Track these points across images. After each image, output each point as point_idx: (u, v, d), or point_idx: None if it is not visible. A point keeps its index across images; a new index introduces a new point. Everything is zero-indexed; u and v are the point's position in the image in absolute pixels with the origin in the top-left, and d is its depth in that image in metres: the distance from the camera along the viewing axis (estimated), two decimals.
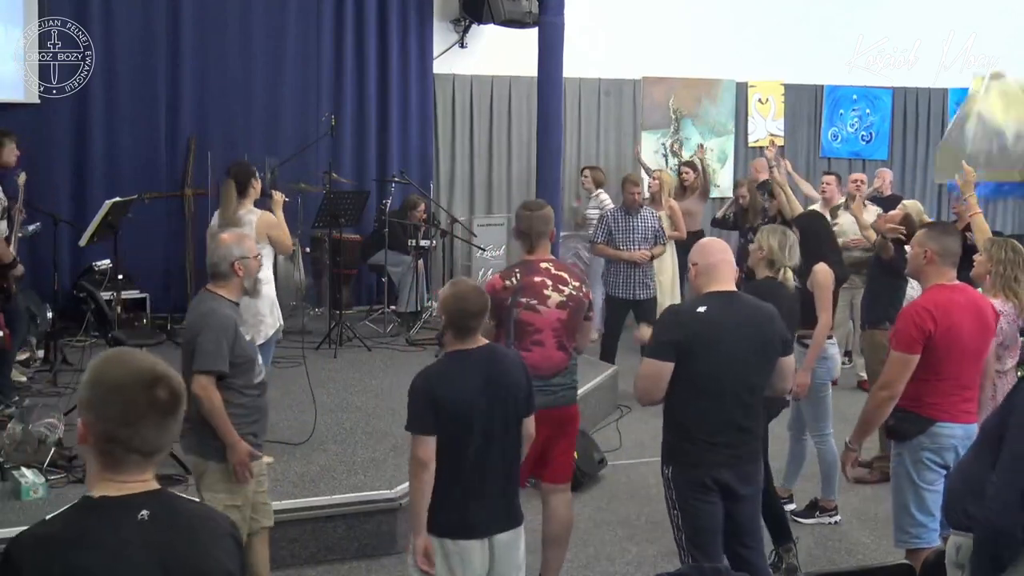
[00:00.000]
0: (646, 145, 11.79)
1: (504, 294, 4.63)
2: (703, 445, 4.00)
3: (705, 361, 3.94)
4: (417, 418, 3.71)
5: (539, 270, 4.73)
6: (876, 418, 4.48)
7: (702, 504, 4.03)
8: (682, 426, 4.05)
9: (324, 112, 9.82)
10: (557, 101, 6.59)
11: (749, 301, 4.18)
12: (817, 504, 6.07)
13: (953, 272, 4.52)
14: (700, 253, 4.17)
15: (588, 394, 7.72)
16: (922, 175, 13.01)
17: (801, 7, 11.97)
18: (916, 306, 4.44)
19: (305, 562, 5.30)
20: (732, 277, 4.14)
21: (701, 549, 4.05)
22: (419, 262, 9.65)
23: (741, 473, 4.07)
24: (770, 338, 4.07)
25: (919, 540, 4.43)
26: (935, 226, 4.83)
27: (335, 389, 7.52)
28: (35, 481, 5.31)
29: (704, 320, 3.96)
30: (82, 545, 2.00)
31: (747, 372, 4.01)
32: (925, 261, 4.49)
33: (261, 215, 5.98)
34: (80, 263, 9.06)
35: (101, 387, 2.06)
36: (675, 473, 4.07)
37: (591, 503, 6.32)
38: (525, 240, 4.84)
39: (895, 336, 4.43)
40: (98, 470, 2.08)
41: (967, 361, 4.42)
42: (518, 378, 3.85)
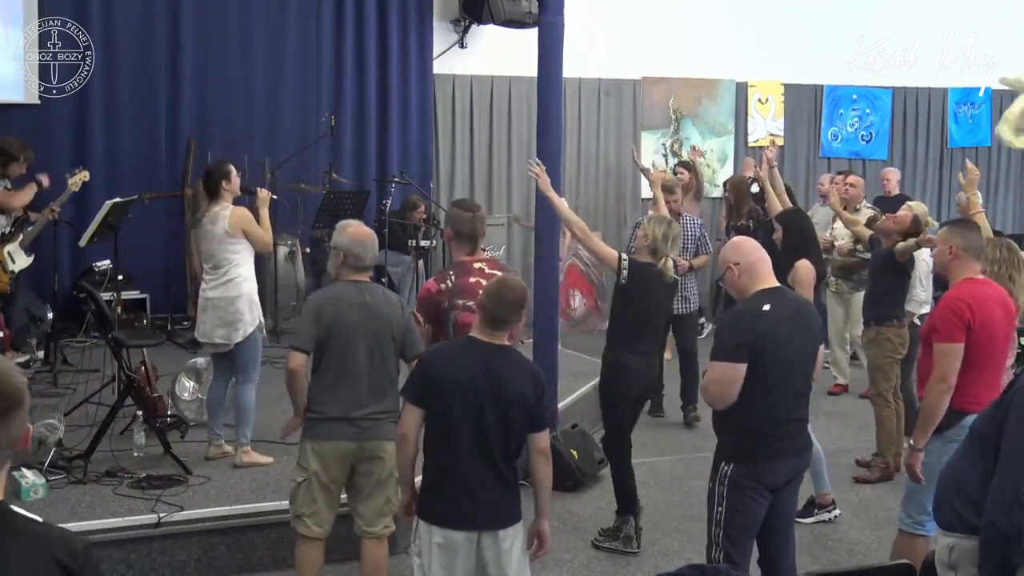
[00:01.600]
0: (646, 145, 11.79)
1: (440, 297, 4.66)
2: (769, 440, 4.03)
3: (774, 358, 3.99)
4: (407, 384, 3.89)
5: (473, 271, 4.72)
6: (938, 413, 4.44)
7: (752, 503, 4.06)
8: (748, 424, 4.03)
9: (324, 112, 9.83)
10: (557, 101, 6.56)
11: (793, 295, 4.35)
12: (814, 502, 6.07)
13: (979, 266, 4.62)
14: (738, 253, 4.19)
15: (588, 394, 7.72)
16: (922, 174, 13.01)
17: (801, 7, 11.97)
18: (952, 298, 4.49)
19: None
20: (772, 273, 4.20)
21: (737, 545, 4.07)
22: (419, 262, 9.65)
23: (795, 464, 4.16)
24: (815, 330, 4.22)
25: (921, 528, 4.56)
26: (958, 222, 4.93)
27: None
28: (35, 482, 5.32)
29: (770, 317, 4.01)
30: None
31: (804, 364, 4.13)
32: (951, 257, 4.57)
33: (234, 210, 5.90)
34: (80, 263, 9.05)
35: None
36: (736, 471, 4.05)
37: (591, 503, 6.32)
38: (468, 242, 4.79)
39: (936, 330, 4.47)
40: None
41: (998, 353, 4.51)
42: (524, 386, 3.80)
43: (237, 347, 5.86)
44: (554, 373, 6.56)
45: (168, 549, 5.00)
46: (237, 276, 5.87)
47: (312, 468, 4.41)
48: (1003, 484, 2.97)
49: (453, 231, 4.86)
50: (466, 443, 3.73)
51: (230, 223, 5.82)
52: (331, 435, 4.39)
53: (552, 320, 6.69)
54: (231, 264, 5.86)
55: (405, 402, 3.85)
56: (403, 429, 3.85)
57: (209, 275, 5.95)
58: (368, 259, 4.50)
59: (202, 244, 6.03)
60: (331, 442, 4.39)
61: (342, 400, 4.38)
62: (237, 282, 5.86)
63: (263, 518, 5.26)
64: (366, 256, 4.48)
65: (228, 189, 5.98)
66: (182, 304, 9.62)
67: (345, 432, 4.39)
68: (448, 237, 4.94)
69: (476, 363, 3.75)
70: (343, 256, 4.44)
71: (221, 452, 5.95)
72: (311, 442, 4.43)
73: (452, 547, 3.75)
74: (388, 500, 4.50)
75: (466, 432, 3.73)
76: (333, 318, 4.36)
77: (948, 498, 3.23)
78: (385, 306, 4.47)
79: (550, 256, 6.71)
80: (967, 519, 3.11)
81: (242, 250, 5.90)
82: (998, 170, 13.34)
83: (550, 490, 3.94)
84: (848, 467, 6.95)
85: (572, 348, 9.17)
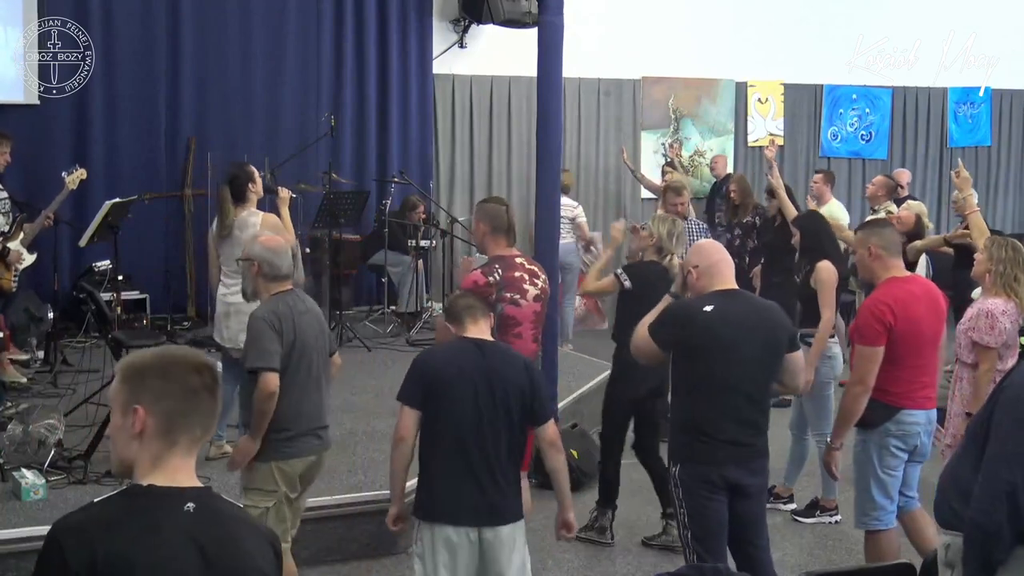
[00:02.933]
0: (646, 145, 11.80)
1: (488, 290, 4.67)
2: (713, 443, 4.01)
3: (714, 359, 3.98)
4: (405, 388, 3.85)
5: (516, 265, 4.80)
6: (854, 412, 4.59)
7: (709, 502, 4.05)
8: (691, 424, 4.07)
9: (324, 112, 9.82)
10: (557, 101, 6.56)
11: (752, 299, 4.30)
12: (818, 503, 6.08)
13: (900, 262, 4.67)
14: (699, 255, 4.19)
15: (588, 394, 7.73)
16: (922, 175, 13.01)
17: (801, 7, 11.97)
18: (875, 301, 4.56)
19: (305, 562, 5.29)
20: (732, 276, 4.18)
21: (706, 547, 4.06)
22: (419, 262, 9.65)
23: (749, 469, 4.10)
24: (776, 334, 4.10)
25: (878, 522, 4.66)
26: (870, 223, 5.03)
27: (335, 389, 7.38)
28: (35, 482, 5.31)
29: (711, 318, 3.98)
30: (126, 530, 2.00)
31: (755, 369, 4.04)
32: (871, 257, 4.60)
33: (264, 217, 5.93)
34: (80, 264, 9.05)
35: (153, 371, 2.11)
36: (683, 471, 4.08)
37: (591, 503, 6.31)
38: (505, 235, 4.83)
39: (858, 332, 4.56)
40: (150, 459, 2.10)
41: (926, 349, 4.58)
42: (518, 379, 3.84)
43: None
44: (554, 373, 6.56)
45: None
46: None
47: (281, 490, 4.29)
48: (985, 481, 3.00)
49: (489, 226, 4.84)
50: (466, 440, 3.75)
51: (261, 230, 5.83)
52: (301, 452, 4.31)
53: (552, 320, 6.68)
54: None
55: (403, 406, 3.84)
56: (402, 432, 3.83)
57: (231, 279, 5.90)
58: (284, 268, 4.42)
59: (227, 249, 5.96)
60: (300, 459, 4.32)
61: (309, 414, 4.33)
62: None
63: None
64: (281, 265, 4.41)
65: (254, 191, 6.01)
66: (182, 304, 9.62)
67: (313, 446, 4.36)
68: (483, 233, 4.88)
69: (471, 360, 3.80)
70: (257, 266, 4.37)
71: (221, 453, 5.94)
72: (278, 463, 4.26)
73: (454, 544, 3.75)
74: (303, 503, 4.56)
75: (466, 429, 3.74)
76: (293, 333, 4.27)
77: (946, 496, 3.25)
78: (315, 308, 4.52)
79: (550, 256, 6.70)
80: (962, 516, 3.12)
81: None
82: (998, 170, 13.35)
83: (567, 478, 4.01)
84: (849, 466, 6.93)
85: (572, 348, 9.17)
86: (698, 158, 12.02)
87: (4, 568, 4.73)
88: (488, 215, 4.89)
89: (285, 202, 6.17)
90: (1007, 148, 13.42)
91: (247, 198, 5.95)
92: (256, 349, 4.20)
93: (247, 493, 4.33)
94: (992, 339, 4.91)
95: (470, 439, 3.75)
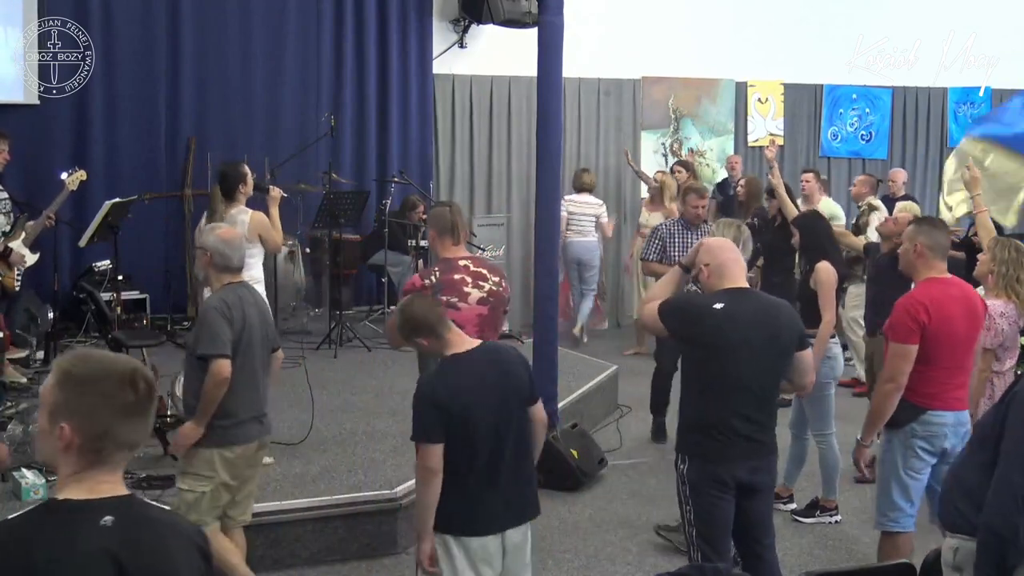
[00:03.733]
0: (646, 145, 11.80)
1: (424, 293, 4.64)
2: (720, 440, 4.02)
3: (724, 357, 3.99)
4: (423, 427, 3.71)
5: (458, 268, 4.75)
6: (884, 411, 4.50)
7: (715, 500, 4.05)
8: (699, 421, 4.07)
9: (324, 112, 9.82)
10: (557, 101, 6.56)
11: (762, 297, 4.28)
12: (818, 503, 6.08)
13: (944, 265, 4.58)
14: (709, 253, 4.19)
15: (588, 394, 7.73)
16: (921, 175, 13.01)
17: (801, 7, 11.97)
18: (911, 298, 4.48)
19: (305, 562, 5.30)
20: (743, 274, 4.19)
21: (711, 545, 4.07)
22: (419, 262, 9.64)
23: (758, 467, 4.11)
24: (784, 333, 4.11)
25: (896, 524, 4.56)
26: (925, 220, 4.87)
27: (335, 389, 7.52)
28: (36, 482, 5.31)
29: (720, 316, 3.99)
30: (42, 549, 1.97)
31: (763, 367, 4.06)
32: (915, 255, 4.53)
33: (253, 215, 5.97)
34: (80, 264, 9.06)
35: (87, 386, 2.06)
36: (690, 469, 4.08)
37: (591, 503, 6.32)
38: (450, 235, 4.79)
39: (892, 329, 4.48)
40: (72, 471, 2.07)
41: (959, 350, 4.49)
42: (519, 372, 3.88)
43: None
44: (554, 373, 6.56)
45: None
46: (249, 279, 5.87)
47: (219, 477, 4.37)
48: (1000, 485, 2.98)
49: (435, 229, 4.87)
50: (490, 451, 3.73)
51: (249, 228, 5.87)
52: (244, 438, 4.41)
53: (552, 320, 6.68)
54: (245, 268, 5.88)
55: (423, 444, 3.70)
56: (433, 464, 3.68)
57: None
58: (235, 260, 4.50)
59: None
60: (243, 445, 4.41)
61: (253, 401, 4.44)
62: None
63: (263, 518, 5.25)
64: (232, 257, 4.48)
65: (244, 192, 6.06)
66: (182, 304, 9.62)
67: (256, 431, 4.47)
68: (431, 238, 4.96)
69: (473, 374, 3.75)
70: (209, 255, 4.47)
71: None
72: (219, 450, 4.35)
73: (486, 552, 3.75)
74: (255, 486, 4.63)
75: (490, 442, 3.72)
76: (242, 321, 4.38)
77: (952, 499, 3.23)
78: (262, 302, 4.62)
79: (550, 256, 6.71)
80: (970, 520, 3.11)
81: (256, 254, 5.97)
82: None
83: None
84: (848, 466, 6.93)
85: (572, 348, 9.18)
86: (698, 158, 12.02)
87: None
88: (433, 218, 4.94)
89: (275, 201, 6.18)
90: None
91: (236, 198, 6.01)
92: (207, 336, 4.30)
93: (184, 477, 4.43)
94: (988, 340, 4.91)
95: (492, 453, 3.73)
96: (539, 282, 6.59)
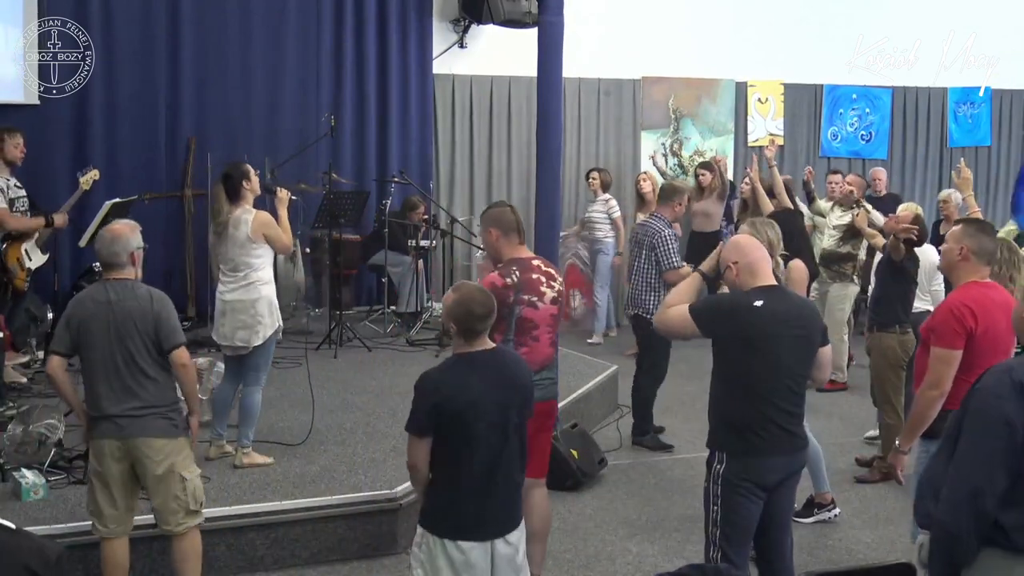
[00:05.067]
0: (646, 145, 11.80)
1: (506, 291, 4.63)
2: (763, 436, 4.04)
3: (763, 354, 4.01)
4: (414, 419, 3.74)
5: (533, 267, 4.76)
6: (926, 418, 4.38)
7: (746, 502, 4.07)
8: (736, 420, 4.08)
9: (324, 112, 9.82)
10: (557, 101, 6.56)
11: (792, 295, 4.33)
12: (813, 501, 6.07)
13: (987, 270, 4.46)
14: (738, 251, 4.20)
15: (588, 394, 7.73)
16: (921, 175, 13.01)
17: (801, 7, 11.97)
18: (955, 302, 4.37)
19: (305, 562, 5.30)
20: (771, 272, 4.22)
21: (733, 547, 4.08)
22: (419, 262, 9.65)
23: (788, 463, 4.15)
24: (814, 329, 4.19)
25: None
26: (973, 223, 4.71)
27: (335, 389, 7.52)
28: (36, 482, 5.32)
29: (761, 314, 4.02)
30: None
31: (797, 363, 4.12)
32: (960, 257, 4.42)
33: (256, 215, 5.92)
34: (80, 264, 9.04)
35: None
36: (728, 469, 4.08)
37: (591, 503, 6.32)
38: (516, 234, 4.78)
39: (935, 333, 4.36)
40: None
41: (1000, 359, 4.30)
42: (525, 380, 3.89)
43: (255, 349, 5.86)
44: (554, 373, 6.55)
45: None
46: (257, 279, 5.88)
47: (93, 467, 4.53)
48: (952, 483, 3.00)
49: (500, 230, 4.77)
50: (486, 456, 3.72)
51: (253, 228, 5.83)
52: (100, 434, 4.47)
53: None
54: (251, 268, 5.87)
55: (411, 436, 3.76)
56: (413, 460, 3.79)
57: (227, 277, 5.93)
58: (110, 257, 4.47)
59: (222, 248, 5.98)
60: (100, 440, 4.47)
61: (100, 399, 4.45)
62: (256, 285, 5.87)
63: (263, 518, 5.26)
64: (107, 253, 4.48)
65: (249, 189, 5.99)
66: (182, 304, 9.61)
67: (108, 430, 4.45)
68: (495, 238, 4.80)
69: (478, 376, 3.75)
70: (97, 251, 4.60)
71: (222, 452, 5.95)
72: (91, 441, 4.54)
73: (471, 559, 3.73)
74: (175, 497, 4.50)
75: (486, 446, 3.72)
76: (79, 319, 4.44)
77: (922, 496, 3.25)
78: (131, 300, 4.45)
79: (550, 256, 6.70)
80: None
81: (263, 254, 5.91)
82: (998, 170, 13.35)
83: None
84: (849, 466, 6.95)
85: (572, 348, 9.18)
86: (698, 158, 12.02)
87: None
88: (495, 219, 4.82)
89: (284, 203, 6.13)
90: (1007, 148, 13.42)
91: (242, 195, 5.95)
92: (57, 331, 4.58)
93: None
94: None
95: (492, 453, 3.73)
96: None
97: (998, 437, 2.94)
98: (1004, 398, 2.96)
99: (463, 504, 3.73)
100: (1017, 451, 2.94)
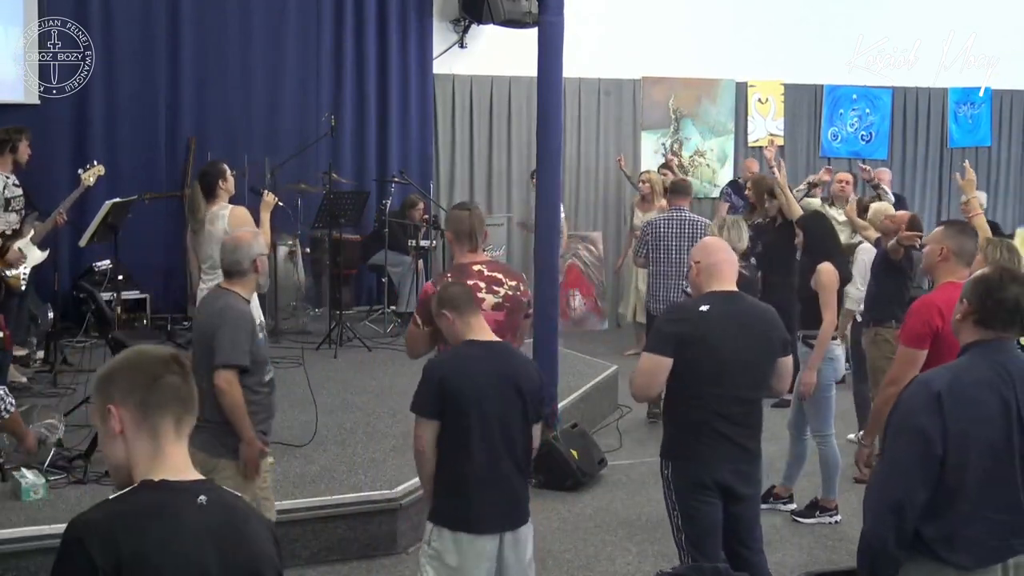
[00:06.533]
0: (646, 145, 11.80)
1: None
2: (703, 444, 4.01)
3: (707, 360, 3.96)
4: (419, 399, 3.77)
5: (472, 273, 4.60)
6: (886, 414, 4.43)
7: (701, 504, 4.05)
8: (683, 425, 4.07)
9: (324, 112, 9.82)
10: (557, 101, 6.55)
11: (750, 301, 4.25)
12: (817, 504, 6.08)
13: (966, 272, 4.44)
14: (703, 252, 4.19)
15: (588, 394, 7.73)
16: (921, 175, 13.02)
17: (801, 7, 11.98)
18: (925, 302, 4.40)
19: (306, 562, 5.30)
20: (734, 277, 4.16)
21: (701, 550, 4.06)
22: (419, 262, 9.65)
23: (741, 472, 4.09)
24: (770, 338, 4.10)
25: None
26: (955, 224, 4.75)
27: (335, 389, 7.52)
28: (35, 482, 5.31)
29: (707, 318, 3.97)
30: (148, 528, 2.00)
31: (748, 371, 4.04)
32: (940, 258, 4.44)
33: (232, 210, 5.93)
34: (80, 264, 9.06)
35: (119, 371, 2.14)
36: (675, 473, 4.09)
37: (591, 503, 6.32)
38: (468, 240, 4.66)
39: (903, 331, 4.41)
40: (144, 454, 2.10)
41: None
42: (534, 381, 3.88)
43: None
44: (554, 373, 6.56)
45: None
46: None
47: None
48: (875, 495, 3.03)
49: (453, 233, 4.77)
50: (490, 444, 3.73)
51: (230, 223, 5.82)
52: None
53: (552, 320, 6.68)
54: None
55: (419, 418, 3.78)
56: (420, 445, 3.78)
57: (207, 275, 5.95)
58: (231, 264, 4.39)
59: (201, 245, 6.03)
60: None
61: None
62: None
63: None
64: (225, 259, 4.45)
65: (224, 188, 6.02)
66: (182, 304, 9.62)
67: None
68: (449, 240, 4.86)
69: (488, 364, 3.77)
70: None
71: None
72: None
73: (480, 552, 3.74)
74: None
75: (489, 434, 3.72)
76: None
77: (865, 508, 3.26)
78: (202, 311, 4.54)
79: (550, 256, 6.71)
80: None
81: None
82: (998, 170, 13.35)
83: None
84: (848, 466, 6.94)
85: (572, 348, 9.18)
86: (698, 158, 12.03)
87: (4, 568, 4.73)
88: (451, 221, 4.80)
89: (268, 206, 6.03)
90: (1007, 148, 13.43)
91: (217, 194, 6.00)
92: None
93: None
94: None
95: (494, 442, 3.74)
96: (539, 282, 6.58)
97: (915, 450, 2.96)
98: (919, 411, 2.99)
99: (470, 495, 3.73)
100: (934, 463, 2.95)
